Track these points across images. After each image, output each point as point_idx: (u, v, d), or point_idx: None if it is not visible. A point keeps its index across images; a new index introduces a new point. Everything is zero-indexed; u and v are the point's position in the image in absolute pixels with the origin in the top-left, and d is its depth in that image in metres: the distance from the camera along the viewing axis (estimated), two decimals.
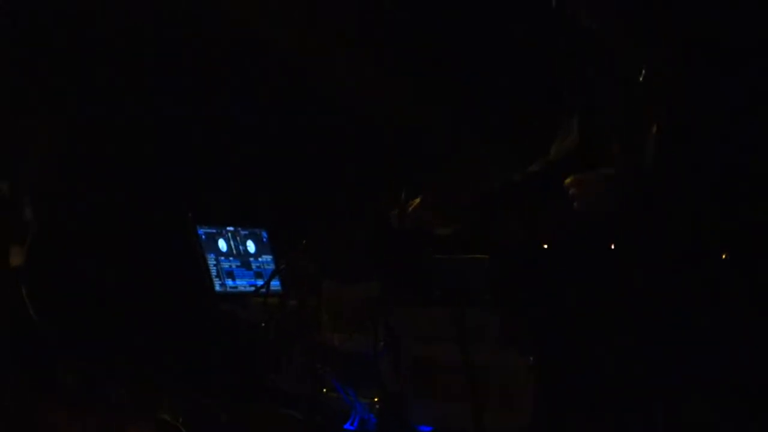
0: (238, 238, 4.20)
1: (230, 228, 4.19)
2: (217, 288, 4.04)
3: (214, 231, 4.13)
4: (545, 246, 2.92)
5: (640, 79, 3.01)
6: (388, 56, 4.66)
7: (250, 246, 4.23)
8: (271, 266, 4.22)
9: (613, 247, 3.16)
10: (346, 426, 3.11)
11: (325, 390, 3.24)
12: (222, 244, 4.13)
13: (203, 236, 4.09)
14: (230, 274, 4.10)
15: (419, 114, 4.49)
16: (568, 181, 2.99)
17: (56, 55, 4.92)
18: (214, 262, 4.07)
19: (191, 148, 5.08)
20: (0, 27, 4.76)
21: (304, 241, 3.42)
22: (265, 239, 4.30)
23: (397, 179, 3.85)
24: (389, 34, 4.25)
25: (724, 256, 2.98)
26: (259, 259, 4.24)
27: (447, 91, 4.27)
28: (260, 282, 3.96)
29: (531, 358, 2.54)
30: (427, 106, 3.99)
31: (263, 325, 3.41)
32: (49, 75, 4.91)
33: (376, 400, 3.07)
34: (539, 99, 3.83)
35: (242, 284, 4.11)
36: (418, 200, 3.04)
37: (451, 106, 4.25)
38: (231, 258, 4.13)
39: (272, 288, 3.57)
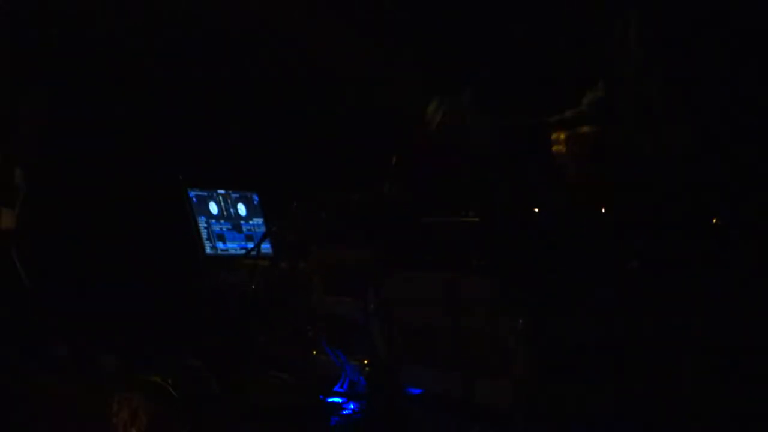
0: (229, 201, 4.19)
1: (221, 191, 4.18)
2: (208, 251, 4.03)
3: (205, 194, 4.12)
4: (536, 209, 2.92)
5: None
6: (380, 20, 4.65)
7: (241, 209, 4.22)
8: (262, 229, 4.21)
9: (603, 210, 3.17)
10: (336, 388, 3.11)
11: (315, 352, 3.23)
12: (213, 207, 4.12)
13: (194, 199, 4.08)
14: (221, 237, 4.09)
15: (414, 78, 4.48)
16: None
17: (46, 21, 4.90)
18: (205, 225, 4.06)
19: (183, 111, 5.07)
20: None
21: (295, 204, 3.41)
22: (256, 202, 4.29)
23: (390, 142, 3.85)
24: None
25: (714, 221, 2.98)
26: (250, 222, 4.23)
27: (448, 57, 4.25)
28: (251, 245, 3.95)
29: (520, 321, 2.53)
30: (423, 70, 3.96)
31: (253, 287, 3.41)
32: (40, 41, 4.89)
33: (366, 362, 3.07)
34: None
35: (233, 247, 4.10)
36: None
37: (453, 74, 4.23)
38: (222, 221, 4.13)
39: (263, 251, 3.57)
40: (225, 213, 4.16)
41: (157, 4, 5.05)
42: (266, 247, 3.64)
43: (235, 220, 4.18)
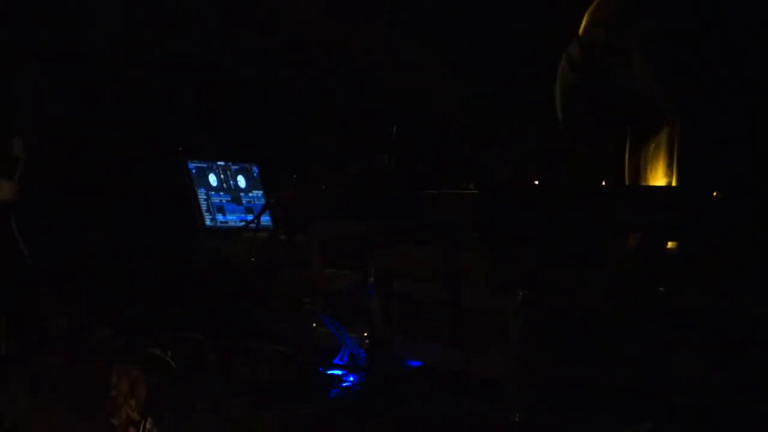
0: (228, 173, 4.19)
1: (221, 162, 4.18)
2: (208, 223, 4.03)
3: (204, 165, 4.12)
4: (536, 182, 2.91)
5: None
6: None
7: (241, 181, 4.22)
8: (262, 201, 4.21)
9: (604, 183, 3.17)
10: (335, 361, 3.11)
11: (314, 325, 3.23)
12: (212, 179, 4.12)
13: (194, 171, 4.07)
14: (220, 209, 4.08)
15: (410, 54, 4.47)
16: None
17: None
18: (205, 197, 4.06)
19: (183, 83, 5.06)
20: None
21: (294, 177, 3.41)
22: (255, 174, 4.28)
23: (388, 116, 3.84)
24: None
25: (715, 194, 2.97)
26: (250, 194, 4.22)
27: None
28: (250, 217, 3.95)
29: (520, 294, 2.53)
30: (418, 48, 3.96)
31: (253, 260, 3.40)
32: (40, 18, 4.87)
33: (365, 335, 3.07)
34: None
35: (232, 219, 4.10)
36: None
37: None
38: (221, 193, 4.12)
39: (262, 223, 3.56)
40: (225, 185, 4.15)
41: None
42: (266, 219, 3.64)
43: (234, 192, 4.18)
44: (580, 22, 3.36)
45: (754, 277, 2.72)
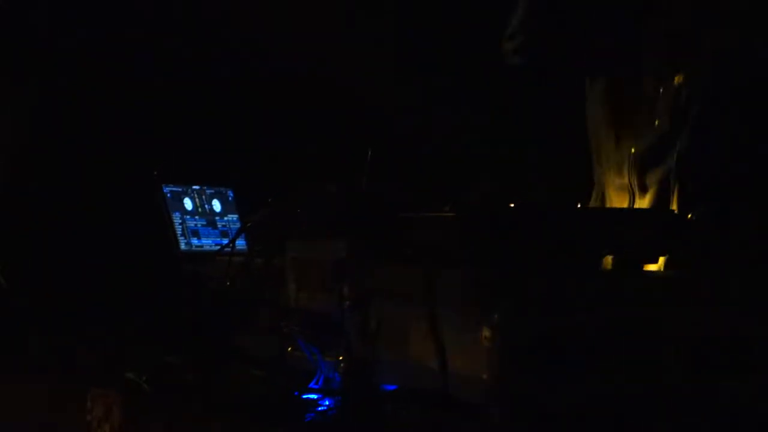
0: (203, 197, 4.18)
1: (196, 186, 4.16)
2: (183, 247, 4.01)
3: (179, 189, 4.10)
4: (512, 205, 2.91)
5: None
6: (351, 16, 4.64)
7: (216, 205, 4.21)
8: (237, 225, 4.20)
9: (579, 206, 3.17)
10: (311, 385, 3.09)
11: (290, 349, 3.22)
12: (187, 203, 4.11)
13: (169, 195, 4.06)
14: (195, 233, 4.07)
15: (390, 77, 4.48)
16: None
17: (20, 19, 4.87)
18: (180, 221, 4.05)
19: (158, 107, 5.05)
20: None
21: (270, 200, 3.40)
22: (231, 198, 4.27)
23: (365, 137, 3.84)
24: None
25: (690, 216, 2.98)
26: (225, 218, 4.21)
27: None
28: (225, 241, 3.94)
29: (495, 317, 2.52)
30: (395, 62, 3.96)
31: (228, 284, 3.39)
32: (16, 38, 4.86)
33: (340, 359, 3.06)
34: None
35: (207, 243, 4.09)
36: None
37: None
38: (196, 217, 4.11)
39: (237, 247, 3.55)
40: (200, 209, 4.14)
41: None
42: (241, 243, 3.62)
43: (209, 216, 4.17)
44: None
45: (735, 299, 2.73)
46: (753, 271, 2.93)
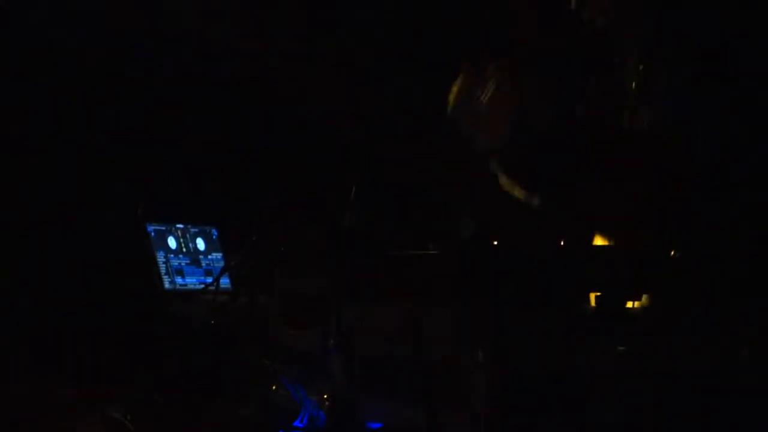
0: (187, 236, 4.18)
1: (180, 225, 4.17)
2: (167, 285, 4.02)
3: (163, 228, 4.11)
4: (495, 242, 2.93)
5: None
6: (341, 52, 4.66)
7: (200, 243, 4.21)
8: (221, 263, 4.20)
9: (563, 243, 3.19)
10: (296, 423, 3.09)
11: (274, 387, 3.22)
12: (171, 242, 4.11)
13: (153, 233, 4.07)
14: (180, 272, 4.08)
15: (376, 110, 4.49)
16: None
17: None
18: (164, 260, 4.05)
19: (142, 146, 5.06)
20: None
21: (253, 238, 3.41)
22: (215, 236, 4.28)
23: (349, 176, 3.85)
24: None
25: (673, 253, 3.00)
26: (209, 257, 4.22)
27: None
28: (210, 279, 3.94)
29: (480, 354, 2.53)
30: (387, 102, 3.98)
31: (212, 322, 3.40)
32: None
33: (325, 397, 3.06)
34: None
35: (192, 282, 4.09)
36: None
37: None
38: (180, 255, 4.11)
39: (222, 285, 3.56)
40: (184, 247, 4.14)
41: (116, 37, 5.05)
42: (225, 281, 3.63)
43: (194, 254, 4.17)
44: None
45: (715, 337, 2.75)
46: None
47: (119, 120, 5.04)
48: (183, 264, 4.11)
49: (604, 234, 3.24)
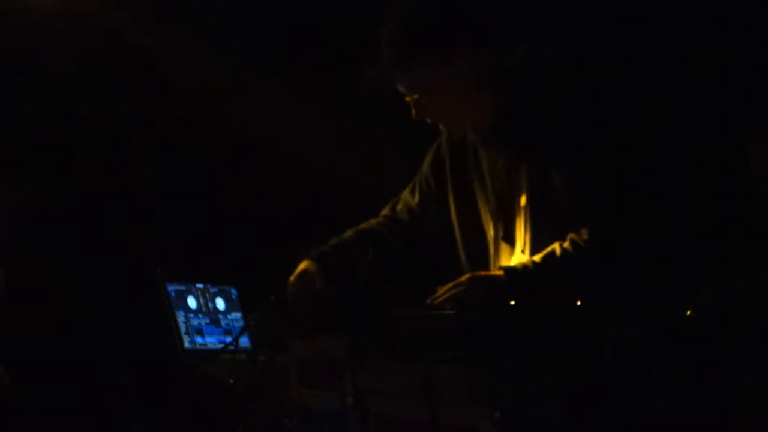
0: (207, 296, 4.20)
1: (200, 285, 4.20)
2: (187, 345, 4.03)
3: (183, 288, 4.13)
4: (512, 302, 2.95)
5: None
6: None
7: (220, 303, 4.23)
8: (240, 323, 4.22)
9: (579, 303, 3.20)
10: None
11: None
12: (191, 301, 4.13)
13: (173, 293, 4.09)
14: (199, 331, 4.09)
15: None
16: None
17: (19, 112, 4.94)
18: (184, 319, 4.07)
19: (160, 207, 5.10)
20: None
21: (272, 298, 3.44)
22: (234, 296, 4.30)
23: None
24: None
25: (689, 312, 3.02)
26: (229, 317, 4.24)
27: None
28: (229, 339, 3.96)
29: (497, 414, 2.55)
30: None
31: (232, 381, 3.42)
32: (15, 137, 4.93)
33: None
34: None
35: (211, 341, 4.11)
36: None
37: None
38: (200, 315, 4.13)
39: (241, 345, 3.58)
40: (204, 307, 4.17)
41: (130, 95, 5.11)
42: (245, 341, 3.65)
43: (213, 314, 4.19)
44: None
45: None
46: None
47: (141, 183, 5.09)
48: (202, 323, 4.13)
49: None
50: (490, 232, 3.59)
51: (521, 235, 3.42)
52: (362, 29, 3.52)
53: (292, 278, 3.72)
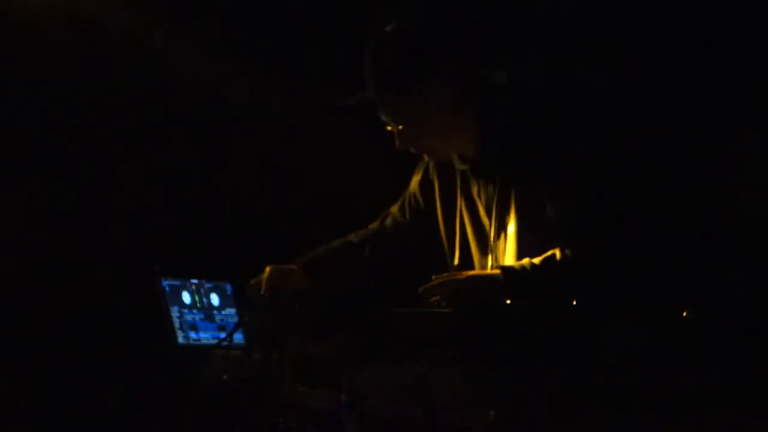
0: (202, 291, 4.20)
1: (194, 280, 4.19)
2: (180, 340, 4.03)
3: (178, 283, 4.13)
4: (507, 301, 2.95)
5: None
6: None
7: (214, 299, 4.23)
8: (235, 319, 4.21)
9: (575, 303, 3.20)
10: None
11: None
12: (186, 297, 4.13)
13: (167, 288, 4.08)
14: (193, 327, 4.09)
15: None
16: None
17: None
18: (178, 315, 4.06)
19: (157, 202, 5.09)
20: None
21: (267, 295, 3.43)
22: (229, 292, 4.30)
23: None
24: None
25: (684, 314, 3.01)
26: (223, 312, 4.23)
27: None
28: (223, 335, 3.95)
29: (492, 414, 2.54)
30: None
31: (225, 378, 3.40)
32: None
33: None
34: None
35: (205, 337, 4.10)
36: None
37: None
38: (194, 310, 4.13)
39: (235, 341, 3.57)
40: (198, 303, 4.16)
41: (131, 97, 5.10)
42: (239, 337, 3.64)
43: (207, 310, 4.18)
44: None
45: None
46: None
47: (137, 176, 5.08)
48: (197, 319, 4.12)
49: None
50: (477, 257, 3.58)
51: (511, 260, 3.39)
52: (362, 28, 3.50)
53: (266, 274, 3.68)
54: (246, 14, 5.05)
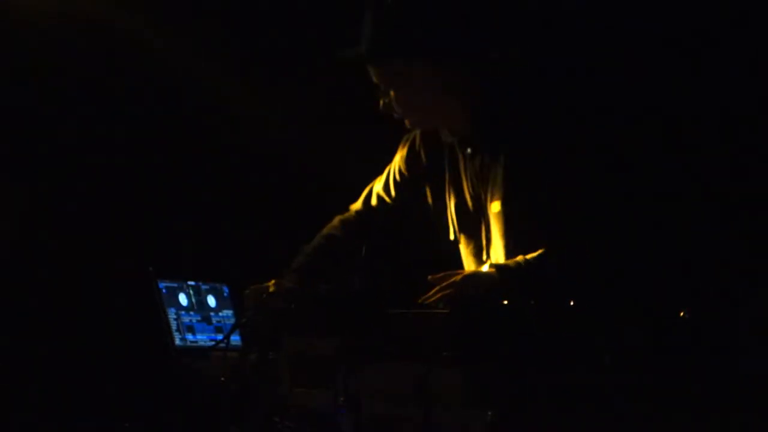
0: (199, 293, 4.19)
1: (191, 282, 4.18)
2: (177, 342, 4.02)
3: (175, 285, 4.12)
4: (505, 302, 2.93)
5: None
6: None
7: (211, 300, 4.22)
8: (232, 321, 4.21)
9: (572, 303, 3.19)
10: None
11: None
12: (183, 299, 4.12)
13: (164, 290, 4.07)
14: (190, 329, 4.08)
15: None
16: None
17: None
18: (175, 317, 4.05)
19: (154, 203, 5.08)
20: None
21: (264, 296, 3.42)
22: (226, 294, 4.29)
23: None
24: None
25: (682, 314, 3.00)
26: (220, 314, 4.22)
27: None
28: (220, 336, 3.94)
29: (489, 413, 2.53)
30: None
31: (222, 379, 3.39)
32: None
33: None
34: None
35: (202, 338, 4.09)
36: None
37: None
38: (192, 312, 4.12)
39: (232, 342, 3.56)
40: (195, 305, 4.15)
41: (126, 99, 5.09)
42: (236, 338, 3.63)
43: (205, 311, 4.18)
44: None
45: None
46: None
47: (132, 178, 5.07)
48: (194, 321, 4.11)
49: None
50: (459, 234, 3.57)
51: (497, 240, 3.38)
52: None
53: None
54: (246, 14, 5.04)
